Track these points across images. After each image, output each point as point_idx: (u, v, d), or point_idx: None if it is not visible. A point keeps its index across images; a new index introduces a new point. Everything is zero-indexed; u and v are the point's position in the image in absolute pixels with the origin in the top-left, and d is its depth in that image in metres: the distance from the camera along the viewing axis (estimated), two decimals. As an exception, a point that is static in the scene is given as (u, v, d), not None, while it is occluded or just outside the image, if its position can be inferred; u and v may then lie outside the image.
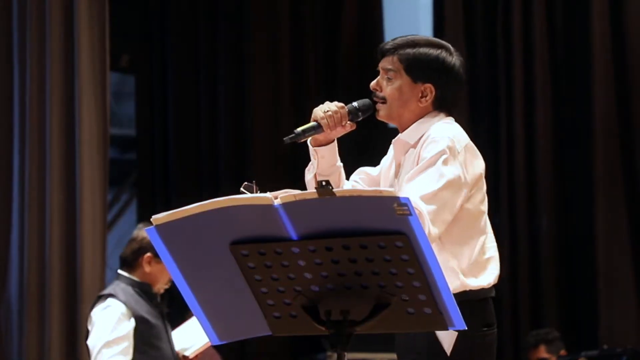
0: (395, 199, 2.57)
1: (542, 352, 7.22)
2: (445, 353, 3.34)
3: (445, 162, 3.36)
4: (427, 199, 3.24)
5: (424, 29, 8.72)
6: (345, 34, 8.96)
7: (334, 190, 2.58)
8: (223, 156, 8.61)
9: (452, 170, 3.35)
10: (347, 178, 3.69)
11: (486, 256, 3.45)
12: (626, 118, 8.35)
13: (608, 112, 8.32)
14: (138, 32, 8.98)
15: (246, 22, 8.72)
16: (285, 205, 2.62)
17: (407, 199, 2.58)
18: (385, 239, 2.60)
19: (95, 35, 6.64)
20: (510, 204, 8.45)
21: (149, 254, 5.36)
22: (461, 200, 3.38)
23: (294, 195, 2.62)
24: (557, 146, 8.51)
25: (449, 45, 3.60)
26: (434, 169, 3.35)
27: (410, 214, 2.57)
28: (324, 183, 2.59)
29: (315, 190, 2.59)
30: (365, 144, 6.15)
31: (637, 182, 8.32)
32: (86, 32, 6.59)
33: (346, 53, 8.92)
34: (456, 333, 3.31)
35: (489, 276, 3.43)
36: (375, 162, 3.74)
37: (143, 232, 5.42)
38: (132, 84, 9.29)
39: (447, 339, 3.34)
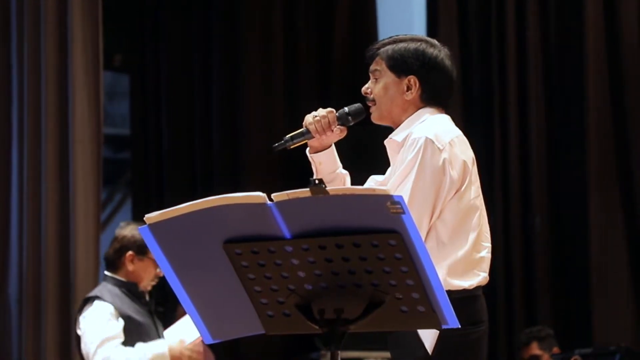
0: (389, 197, 2.57)
1: (535, 348, 7.23)
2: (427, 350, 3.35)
3: (422, 165, 3.36)
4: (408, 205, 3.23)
5: (418, 29, 8.72)
6: (339, 33, 8.95)
7: (327, 188, 2.59)
8: (217, 155, 8.61)
9: (429, 172, 3.36)
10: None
11: (479, 255, 3.44)
12: (620, 116, 8.35)
13: (602, 110, 8.32)
14: (131, 31, 8.98)
15: (240, 22, 8.72)
16: (279, 203, 2.62)
17: (401, 197, 2.58)
18: (379, 238, 2.60)
19: (89, 35, 6.63)
20: (504, 202, 8.45)
21: (130, 252, 5.36)
22: (442, 200, 3.38)
23: (287, 194, 2.62)
24: (550, 144, 8.51)
25: (433, 40, 3.62)
26: (412, 174, 3.36)
27: (404, 212, 2.57)
28: (316, 181, 2.59)
29: (308, 189, 2.60)
30: (363, 149, 6.14)
31: (631, 180, 8.32)
32: (79, 32, 6.59)
33: (339, 53, 8.92)
34: (438, 331, 3.32)
35: (473, 278, 3.42)
36: (373, 167, 3.73)
37: (124, 230, 5.43)
38: (126, 83, 9.30)
39: (428, 337, 3.34)
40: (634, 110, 8.31)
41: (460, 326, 2.75)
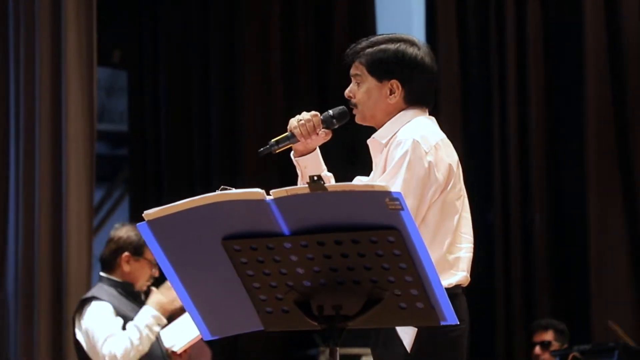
0: (387, 193, 2.56)
1: (549, 335, 7.26)
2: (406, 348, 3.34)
3: (410, 166, 3.35)
4: None
5: (417, 28, 8.71)
6: (338, 33, 8.94)
7: (325, 185, 2.58)
8: (215, 151, 8.61)
9: (416, 174, 3.35)
10: None
11: (453, 256, 3.43)
12: (620, 113, 8.35)
13: (602, 107, 8.31)
14: (129, 27, 8.98)
15: (239, 20, 8.71)
16: (277, 200, 2.62)
17: (399, 193, 2.57)
18: (377, 234, 2.60)
19: (83, 30, 6.62)
20: (503, 200, 8.45)
21: (126, 253, 5.35)
22: (427, 202, 3.37)
23: (286, 190, 2.61)
24: (550, 142, 8.51)
25: (412, 38, 3.57)
26: (400, 175, 3.35)
27: (402, 209, 2.57)
28: (315, 178, 2.59)
29: (307, 185, 2.59)
30: (354, 150, 6.13)
31: (631, 177, 8.32)
32: (73, 27, 6.58)
33: (338, 53, 8.91)
34: (416, 329, 3.31)
35: (451, 277, 3.40)
36: (363, 168, 3.73)
37: (119, 232, 5.42)
38: (124, 80, 9.29)
39: (407, 335, 3.34)
40: (634, 108, 8.31)
41: (459, 322, 2.76)
